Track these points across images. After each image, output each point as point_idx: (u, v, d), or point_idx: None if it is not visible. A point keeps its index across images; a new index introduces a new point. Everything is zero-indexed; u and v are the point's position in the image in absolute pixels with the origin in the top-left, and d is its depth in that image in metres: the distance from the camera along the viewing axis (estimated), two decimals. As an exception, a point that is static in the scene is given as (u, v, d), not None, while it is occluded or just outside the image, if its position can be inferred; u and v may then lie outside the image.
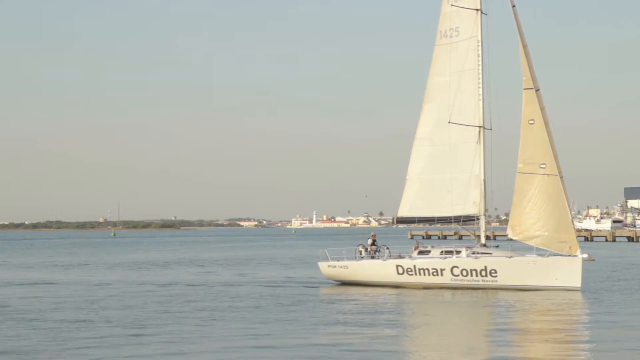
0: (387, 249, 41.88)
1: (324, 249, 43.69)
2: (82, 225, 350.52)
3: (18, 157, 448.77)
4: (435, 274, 39.52)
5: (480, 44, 40.94)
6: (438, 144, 41.75)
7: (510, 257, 38.62)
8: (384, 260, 41.01)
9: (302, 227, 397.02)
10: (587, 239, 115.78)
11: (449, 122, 40.98)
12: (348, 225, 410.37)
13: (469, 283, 38.87)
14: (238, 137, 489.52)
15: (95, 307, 32.78)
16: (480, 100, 40.92)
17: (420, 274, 39.82)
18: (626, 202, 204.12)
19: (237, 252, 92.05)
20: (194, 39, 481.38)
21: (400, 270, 40.22)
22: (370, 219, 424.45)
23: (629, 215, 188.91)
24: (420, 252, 40.60)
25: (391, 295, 36.84)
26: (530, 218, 38.94)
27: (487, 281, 38.62)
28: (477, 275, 38.78)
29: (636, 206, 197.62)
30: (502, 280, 38.38)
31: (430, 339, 24.67)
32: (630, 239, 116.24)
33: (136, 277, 50.49)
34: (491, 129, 41.02)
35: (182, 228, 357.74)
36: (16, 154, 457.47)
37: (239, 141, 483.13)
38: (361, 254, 41.88)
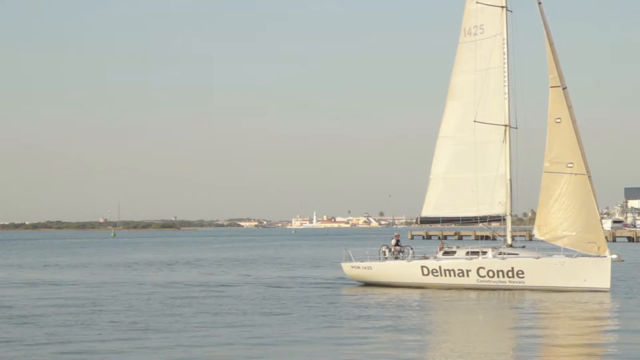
0: (411, 249, 41.32)
1: (347, 249, 43.07)
2: (82, 225, 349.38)
3: (18, 157, 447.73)
4: (460, 274, 38.94)
5: (505, 41, 40.35)
6: (462, 143, 41.11)
7: (538, 258, 38.06)
8: (408, 261, 40.42)
9: (302, 227, 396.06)
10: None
11: (474, 121, 40.35)
12: (348, 225, 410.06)
13: (495, 284, 38.28)
14: (238, 137, 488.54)
15: (97, 308, 32.39)
16: (505, 98, 40.32)
17: (445, 275, 39.23)
18: (626, 202, 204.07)
19: (245, 252, 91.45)
20: (194, 39, 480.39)
21: (425, 271, 39.62)
22: (370, 219, 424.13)
23: (629, 215, 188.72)
24: (445, 253, 40.00)
25: (416, 297, 36.26)
26: (557, 218, 38.38)
27: (513, 282, 38.05)
28: (503, 276, 38.19)
29: (636, 206, 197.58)
30: (529, 281, 37.81)
31: (455, 345, 23.62)
32: (630, 239, 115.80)
33: (140, 277, 50.16)
34: (516, 128, 40.46)
35: (182, 228, 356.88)
36: (16, 154, 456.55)
37: (239, 141, 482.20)
38: (384, 254, 41.29)
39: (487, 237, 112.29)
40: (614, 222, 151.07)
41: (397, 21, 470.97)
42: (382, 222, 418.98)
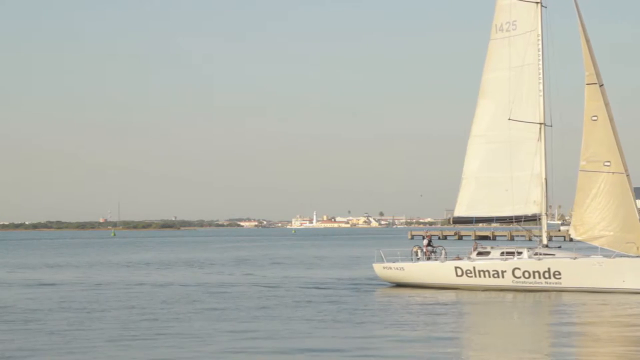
0: (443, 249, 40.58)
1: (378, 250, 42.35)
2: (82, 225, 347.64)
3: (18, 157, 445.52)
4: (495, 275, 38.18)
5: (540, 37, 39.57)
6: (495, 141, 40.35)
7: (575, 258, 37.32)
8: (442, 262, 39.66)
9: (302, 227, 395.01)
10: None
11: (509, 119, 39.56)
12: (348, 225, 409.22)
13: (531, 285, 37.54)
14: (238, 137, 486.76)
15: (101, 308, 32.06)
16: (540, 96, 39.56)
17: (479, 276, 38.48)
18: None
19: (254, 252, 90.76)
20: (194, 39, 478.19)
21: (459, 272, 38.87)
22: (370, 219, 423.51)
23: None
24: (479, 253, 39.25)
25: (450, 298, 35.49)
26: (594, 217, 37.73)
27: (550, 283, 37.30)
28: (539, 277, 37.44)
29: (637, 206, 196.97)
30: (566, 282, 37.05)
31: (490, 351, 22.58)
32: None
33: (144, 278, 49.81)
34: (551, 126, 39.69)
35: (182, 228, 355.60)
36: (16, 154, 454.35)
37: (239, 141, 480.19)
38: (417, 254, 40.52)
39: (486, 237, 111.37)
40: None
41: (397, 21, 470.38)
42: (382, 222, 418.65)
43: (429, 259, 40.31)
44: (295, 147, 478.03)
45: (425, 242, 40.91)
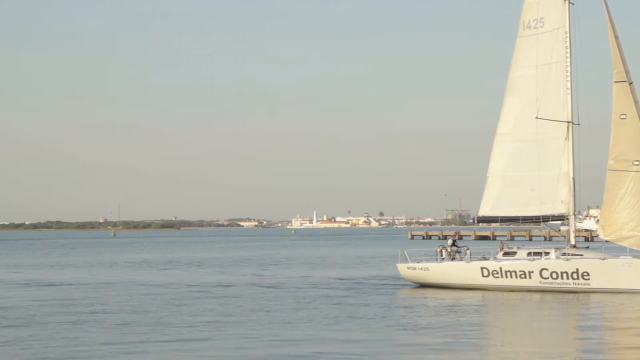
0: (468, 249, 39.98)
1: (402, 250, 41.75)
2: (82, 225, 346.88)
3: (18, 157, 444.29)
4: (522, 276, 37.58)
5: (568, 34, 38.99)
6: (521, 140, 39.77)
7: (603, 259, 36.73)
8: (467, 262, 39.04)
9: (302, 227, 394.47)
10: (587, 239, 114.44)
11: (536, 118, 38.96)
12: (348, 225, 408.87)
13: (559, 286, 36.93)
14: (238, 137, 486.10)
15: (102, 309, 31.70)
16: (568, 94, 38.96)
17: (506, 276, 37.87)
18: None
19: (254, 251, 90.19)
20: (194, 39, 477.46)
21: (485, 272, 38.27)
22: (370, 219, 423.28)
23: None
24: (506, 253, 38.63)
25: (476, 299, 34.90)
26: (622, 217, 37.22)
27: (578, 284, 36.72)
28: (567, 278, 36.84)
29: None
30: (594, 283, 36.46)
31: (517, 355, 21.82)
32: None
33: (145, 278, 49.44)
34: (579, 124, 39.13)
35: (182, 228, 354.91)
36: (16, 154, 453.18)
37: (239, 141, 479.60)
38: (441, 254, 39.91)
39: (486, 237, 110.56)
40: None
41: (397, 21, 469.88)
42: (382, 222, 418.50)
43: (453, 259, 39.72)
44: (295, 147, 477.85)
45: (449, 242, 40.31)
